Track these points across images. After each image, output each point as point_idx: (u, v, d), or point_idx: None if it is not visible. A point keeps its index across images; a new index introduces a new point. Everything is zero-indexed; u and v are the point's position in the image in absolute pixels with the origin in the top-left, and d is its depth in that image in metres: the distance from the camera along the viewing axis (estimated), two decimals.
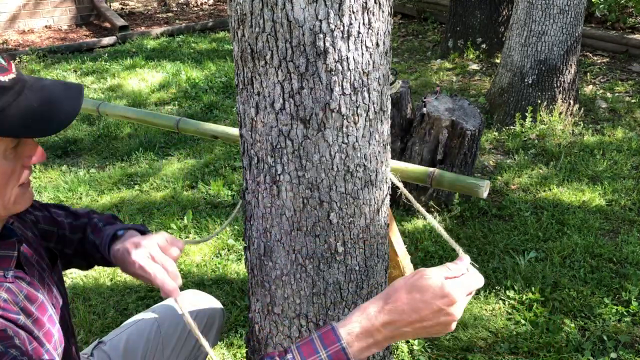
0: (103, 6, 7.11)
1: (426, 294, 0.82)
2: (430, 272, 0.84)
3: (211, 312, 1.42)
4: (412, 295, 0.83)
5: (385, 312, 0.83)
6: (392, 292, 0.85)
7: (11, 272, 0.88)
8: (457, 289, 0.83)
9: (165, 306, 1.42)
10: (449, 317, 0.83)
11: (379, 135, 1.08)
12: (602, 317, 2.10)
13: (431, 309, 0.82)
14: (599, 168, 3.18)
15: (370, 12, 0.96)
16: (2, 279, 0.86)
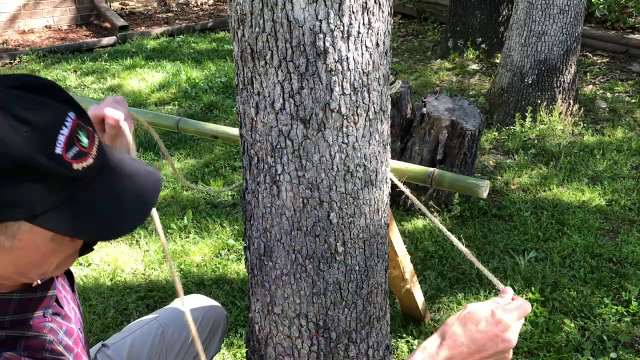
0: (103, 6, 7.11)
1: (480, 324, 0.86)
2: (480, 304, 0.89)
3: (216, 317, 1.42)
4: (467, 327, 0.86)
5: (445, 347, 0.86)
6: (447, 329, 0.88)
7: (50, 310, 0.86)
8: (508, 315, 0.87)
9: (169, 311, 1.41)
10: (505, 344, 0.86)
11: (379, 135, 1.08)
12: (602, 317, 2.10)
13: (488, 337, 0.85)
14: (599, 168, 3.18)
15: (370, 12, 0.96)
16: (42, 319, 0.83)
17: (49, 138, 0.66)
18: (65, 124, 0.69)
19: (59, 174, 0.68)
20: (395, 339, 2.04)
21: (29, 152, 0.65)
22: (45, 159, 0.66)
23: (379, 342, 1.30)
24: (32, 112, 0.66)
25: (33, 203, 0.67)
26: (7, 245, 0.71)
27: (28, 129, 0.65)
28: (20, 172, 0.65)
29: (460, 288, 2.30)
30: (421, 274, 2.38)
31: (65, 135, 0.68)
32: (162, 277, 2.41)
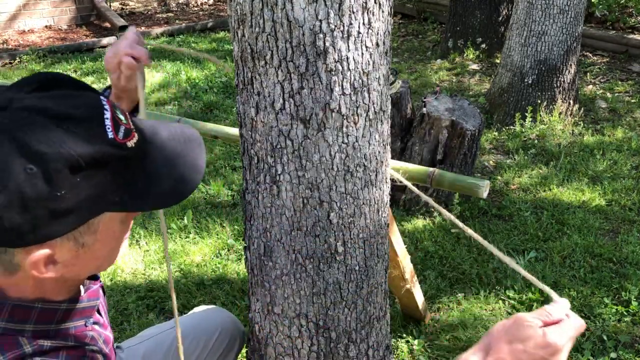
0: (103, 6, 7.11)
1: (528, 344, 0.80)
2: (530, 319, 0.82)
3: (233, 333, 1.40)
4: (514, 346, 0.81)
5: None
6: (492, 342, 0.84)
7: (92, 319, 0.86)
8: (560, 337, 0.79)
9: (188, 320, 1.39)
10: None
11: (379, 135, 1.08)
12: (602, 317, 2.10)
13: None
14: (599, 168, 3.18)
15: (370, 12, 0.96)
16: (84, 328, 0.83)
17: (97, 126, 0.67)
18: (104, 107, 0.70)
19: (120, 157, 0.69)
20: (395, 339, 2.04)
21: (89, 146, 0.65)
22: (104, 146, 0.67)
23: (379, 342, 1.29)
24: (69, 105, 0.66)
25: (110, 191, 0.69)
26: (90, 242, 0.73)
27: (75, 126, 0.65)
28: (87, 167, 0.65)
29: (460, 288, 2.30)
30: (421, 274, 2.38)
31: (109, 119, 0.69)
32: (162, 277, 2.41)
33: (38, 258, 0.69)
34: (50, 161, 0.63)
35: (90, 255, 0.75)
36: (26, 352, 0.74)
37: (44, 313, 0.78)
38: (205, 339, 1.35)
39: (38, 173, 0.62)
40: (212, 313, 1.44)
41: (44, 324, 0.78)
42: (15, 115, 0.63)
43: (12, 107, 0.64)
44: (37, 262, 0.69)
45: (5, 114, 0.64)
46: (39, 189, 0.63)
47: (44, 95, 0.67)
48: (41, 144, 0.62)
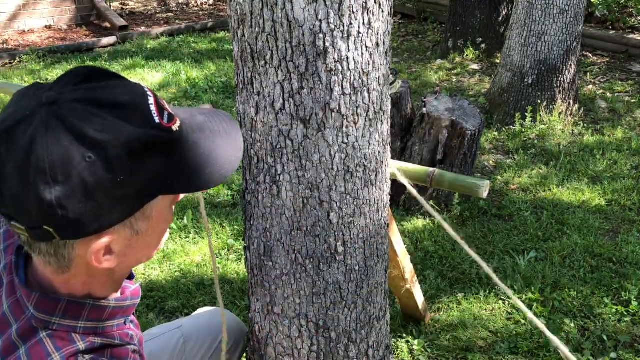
0: (103, 6, 7.11)
1: None
2: None
3: (236, 334, 1.40)
4: None
5: None
6: None
7: (130, 317, 0.87)
8: None
9: (193, 321, 1.40)
10: None
11: (379, 135, 1.08)
12: (602, 317, 2.10)
13: None
14: (598, 168, 3.18)
15: (370, 12, 0.96)
16: (124, 327, 0.84)
17: (144, 112, 0.69)
18: (147, 94, 0.72)
19: (169, 140, 0.71)
20: (395, 339, 2.04)
21: (140, 130, 0.67)
22: (153, 130, 0.69)
23: (379, 342, 1.29)
24: (116, 94, 0.69)
25: (163, 173, 0.71)
26: (144, 228, 0.75)
27: (125, 112, 0.67)
28: (143, 150, 0.68)
29: (460, 288, 2.30)
30: (421, 274, 2.38)
31: (153, 105, 0.71)
32: (162, 277, 2.41)
33: (99, 247, 0.70)
34: (108, 148, 0.65)
35: (142, 243, 0.77)
36: (80, 348, 0.75)
37: (95, 310, 0.79)
38: (209, 341, 1.35)
39: (97, 161, 0.64)
40: (217, 314, 1.44)
41: (94, 321, 0.78)
42: (68, 107, 0.65)
43: (63, 100, 0.66)
44: (98, 252, 0.71)
45: (57, 107, 0.65)
46: (99, 176, 0.65)
47: (90, 87, 0.69)
48: (98, 132, 0.64)
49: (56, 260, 0.72)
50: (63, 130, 0.64)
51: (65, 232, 0.67)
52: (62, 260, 0.72)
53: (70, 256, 0.71)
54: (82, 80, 0.69)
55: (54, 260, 0.72)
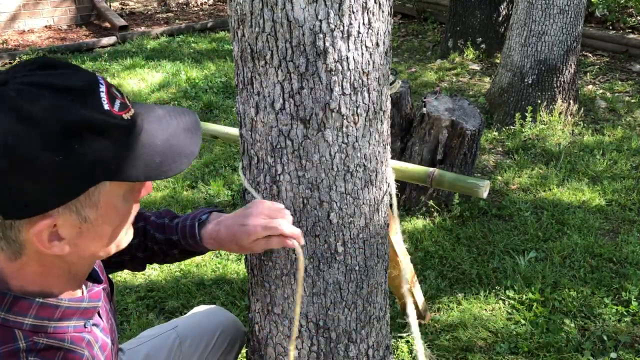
0: (103, 6, 7.11)
1: None
2: None
3: (234, 333, 1.40)
4: None
5: None
6: None
7: (91, 321, 0.86)
8: None
9: (188, 321, 1.39)
10: None
11: (378, 135, 1.08)
12: (602, 317, 2.10)
13: None
14: (598, 168, 3.18)
15: (370, 12, 0.96)
16: (82, 329, 0.83)
17: (94, 98, 0.71)
18: (100, 82, 0.73)
19: (116, 126, 0.72)
20: (395, 339, 2.04)
21: (84, 113, 0.69)
22: (100, 115, 0.71)
23: (379, 342, 1.29)
24: (67, 80, 0.71)
25: (107, 159, 0.72)
26: (92, 216, 0.75)
27: (72, 96, 0.69)
28: (86, 133, 0.69)
29: (460, 288, 2.30)
30: (421, 274, 2.38)
31: (104, 92, 0.73)
32: (162, 277, 2.41)
33: (41, 228, 0.71)
34: (48, 127, 0.67)
35: (93, 233, 0.76)
36: (20, 347, 0.74)
37: (44, 308, 0.77)
38: (206, 339, 1.34)
39: (37, 139, 0.66)
40: (212, 313, 1.43)
41: (44, 319, 0.77)
42: (16, 89, 0.68)
43: (13, 82, 0.68)
44: (40, 232, 0.71)
45: (6, 88, 0.68)
46: (38, 154, 0.66)
47: (45, 73, 0.71)
48: (40, 111, 0.67)
49: (7, 244, 0.73)
50: (7, 109, 0.66)
51: (7, 210, 0.69)
52: (12, 244, 0.73)
53: (19, 239, 0.72)
54: (38, 67, 0.71)
55: (4, 244, 0.73)
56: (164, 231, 1.13)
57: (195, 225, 1.08)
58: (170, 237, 1.12)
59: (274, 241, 1.01)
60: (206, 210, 1.12)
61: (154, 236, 1.14)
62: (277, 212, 1.01)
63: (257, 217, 1.00)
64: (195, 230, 1.07)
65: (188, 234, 1.09)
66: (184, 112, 0.86)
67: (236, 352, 1.42)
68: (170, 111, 0.85)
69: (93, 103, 0.70)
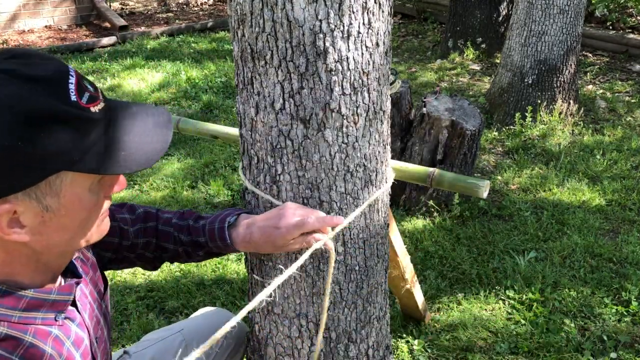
0: (103, 6, 7.11)
1: None
2: None
3: (239, 335, 1.39)
4: None
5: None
6: None
7: (63, 314, 0.85)
8: None
9: (194, 324, 1.39)
10: None
11: (379, 135, 1.08)
12: (602, 317, 2.10)
13: None
14: (599, 168, 3.18)
15: (370, 12, 0.96)
16: (52, 321, 0.82)
17: (61, 88, 0.71)
18: (70, 74, 0.74)
19: (82, 118, 0.73)
20: (395, 339, 2.04)
21: (48, 103, 0.69)
22: (65, 106, 0.71)
23: (379, 342, 1.29)
24: (36, 69, 0.71)
25: (69, 149, 0.72)
26: (54, 206, 0.75)
27: (38, 85, 0.70)
28: (48, 122, 0.70)
29: (460, 288, 2.30)
30: (421, 274, 2.38)
31: (73, 84, 0.73)
32: (162, 277, 2.41)
33: (1, 212, 0.71)
34: (11, 112, 0.67)
35: (56, 223, 0.76)
36: None
37: (8, 297, 0.77)
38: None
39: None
40: (218, 316, 1.43)
41: (9, 308, 0.77)
42: None
43: None
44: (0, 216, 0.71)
45: None
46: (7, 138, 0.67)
47: (16, 61, 0.71)
48: (4, 97, 0.67)
49: None
50: None
51: None
52: None
53: None
54: (11, 56, 0.72)
55: None
56: (189, 233, 1.12)
57: (224, 228, 1.07)
58: (197, 240, 1.11)
59: (310, 240, 1.01)
60: (234, 212, 1.11)
61: (178, 238, 1.13)
62: (310, 212, 1.02)
63: (291, 218, 1.00)
64: (225, 234, 1.07)
65: (218, 236, 1.08)
66: (159, 111, 0.86)
67: (241, 355, 1.42)
68: (146, 108, 0.85)
69: (59, 93, 0.71)
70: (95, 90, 0.77)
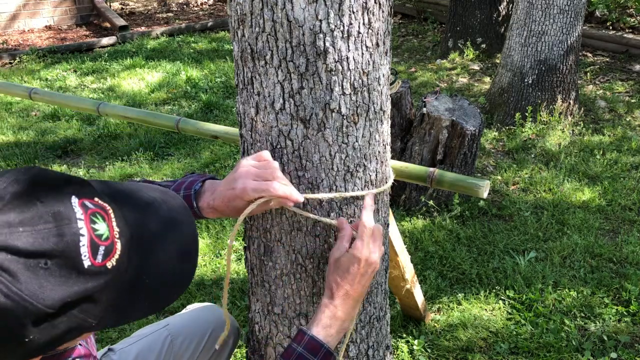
0: (103, 6, 7.11)
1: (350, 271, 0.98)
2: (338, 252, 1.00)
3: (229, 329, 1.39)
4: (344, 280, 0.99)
5: None
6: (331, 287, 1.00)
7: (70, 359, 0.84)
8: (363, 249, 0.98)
9: (180, 319, 1.39)
10: None
11: (379, 135, 1.08)
12: (602, 317, 2.10)
13: None
14: (599, 168, 3.18)
15: (370, 12, 0.96)
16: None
17: (74, 258, 0.63)
18: (79, 231, 0.64)
19: (98, 285, 0.65)
20: (395, 339, 2.04)
21: (58, 290, 0.61)
22: (79, 283, 0.63)
23: (379, 342, 1.29)
24: (42, 241, 0.61)
25: (86, 321, 0.66)
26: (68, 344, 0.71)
27: (46, 262, 0.61)
28: (58, 313, 0.63)
29: (460, 288, 2.30)
30: (421, 274, 2.37)
31: (86, 245, 0.64)
32: None
33: None
34: (14, 317, 0.60)
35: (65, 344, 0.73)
36: None
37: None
38: (198, 338, 1.34)
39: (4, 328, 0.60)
40: (205, 311, 1.43)
41: None
42: None
43: None
44: None
45: None
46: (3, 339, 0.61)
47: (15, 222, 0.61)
48: (4, 298, 0.59)
49: None
50: None
51: None
52: None
53: None
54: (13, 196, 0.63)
55: None
56: None
57: (191, 196, 1.04)
58: None
59: (272, 203, 0.98)
60: (199, 178, 1.07)
61: None
62: (265, 172, 0.97)
63: (246, 178, 0.96)
64: (193, 201, 1.03)
65: None
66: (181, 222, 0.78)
67: (229, 350, 1.42)
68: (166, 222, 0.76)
69: (72, 266, 0.62)
70: (110, 232, 0.67)
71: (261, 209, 1.01)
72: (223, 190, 1.00)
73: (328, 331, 0.98)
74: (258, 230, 1.14)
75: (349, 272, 0.98)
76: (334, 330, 0.99)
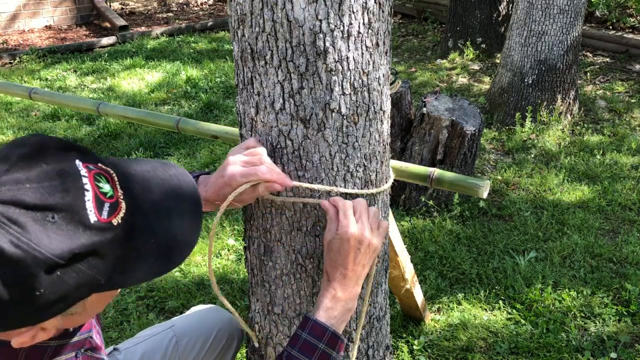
0: (103, 6, 7.11)
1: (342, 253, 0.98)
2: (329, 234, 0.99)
3: (231, 332, 1.40)
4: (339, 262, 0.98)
5: None
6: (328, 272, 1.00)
7: (83, 349, 0.85)
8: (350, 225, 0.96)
9: (185, 320, 1.40)
10: None
11: (379, 135, 1.08)
12: (602, 317, 2.10)
13: None
14: (598, 168, 3.18)
15: (370, 12, 0.96)
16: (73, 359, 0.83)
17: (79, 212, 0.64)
18: (84, 186, 0.66)
19: (105, 240, 0.66)
20: (395, 339, 2.04)
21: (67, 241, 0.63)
22: (86, 236, 0.64)
23: (379, 342, 1.29)
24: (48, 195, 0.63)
25: (95, 277, 0.67)
26: (79, 311, 0.72)
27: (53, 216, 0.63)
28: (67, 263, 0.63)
29: (460, 288, 2.29)
30: (421, 274, 2.37)
31: (91, 200, 0.66)
32: (162, 277, 2.41)
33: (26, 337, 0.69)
34: (24, 267, 0.61)
35: (78, 318, 0.75)
36: None
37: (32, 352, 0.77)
38: (202, 339, 1.34)
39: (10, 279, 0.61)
40: (209, 313, 1.43)
41: None
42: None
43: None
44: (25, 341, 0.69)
45: None
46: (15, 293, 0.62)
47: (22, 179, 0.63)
48: (12, 247, 0.60)
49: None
50: None
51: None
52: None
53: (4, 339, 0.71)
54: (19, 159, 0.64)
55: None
56: None
57: None
58: None
59: (260, 189, 0.98)
60: (192, 174, 1.08)
61: None
62: (253, 158, 0.98)
63: (234, 165, 0.98)
64: None
65: None
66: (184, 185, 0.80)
67: (234, 351, 1.42)
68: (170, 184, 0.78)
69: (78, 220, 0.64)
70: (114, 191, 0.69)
71: (251, 196, 1.00)
72: (214, 181, 1.02)
73: (330, 313, 0.98)
74: (258, 230, 1.14)
75: (339, 253, 0.97)
76: (337, 312, 0.99)
